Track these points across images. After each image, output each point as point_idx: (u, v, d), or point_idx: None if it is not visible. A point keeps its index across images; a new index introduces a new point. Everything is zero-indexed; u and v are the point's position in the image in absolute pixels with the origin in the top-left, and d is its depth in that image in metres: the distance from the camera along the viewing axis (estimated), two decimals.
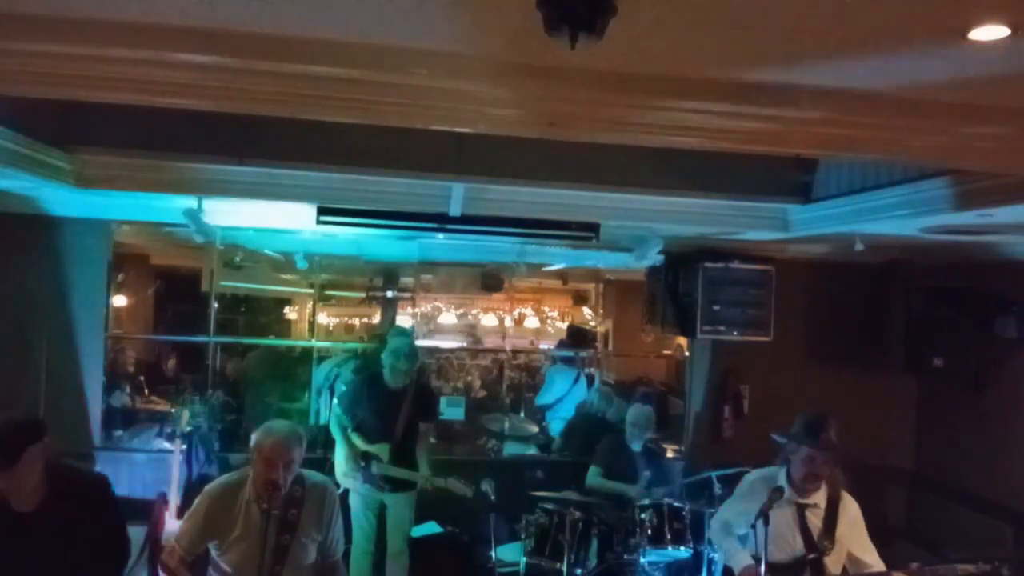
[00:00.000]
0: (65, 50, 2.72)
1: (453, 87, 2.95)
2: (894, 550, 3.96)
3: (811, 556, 3.79)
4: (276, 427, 3.46)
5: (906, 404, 6.73)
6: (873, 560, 3.83)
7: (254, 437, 3.45)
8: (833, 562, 3.80)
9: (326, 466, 5.35)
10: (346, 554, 5.10)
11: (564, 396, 8.29)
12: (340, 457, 5.42)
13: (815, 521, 3.84)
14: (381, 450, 5.30)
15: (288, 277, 8.49)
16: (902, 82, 2.83)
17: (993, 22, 2.24)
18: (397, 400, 5.39)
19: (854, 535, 3.87)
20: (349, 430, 5.41)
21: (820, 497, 3.86)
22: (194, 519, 3.43)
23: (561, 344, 9.36)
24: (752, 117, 3.13)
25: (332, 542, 3.55)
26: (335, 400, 5.68)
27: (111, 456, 6.02)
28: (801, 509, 3.84)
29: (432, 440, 5.99)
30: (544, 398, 8.48)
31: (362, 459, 5.29)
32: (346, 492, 5.35)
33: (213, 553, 3.43)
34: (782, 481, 3.86)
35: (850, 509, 3.91)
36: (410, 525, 5.47)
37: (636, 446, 5.89)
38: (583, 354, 9.14)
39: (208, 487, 3.52)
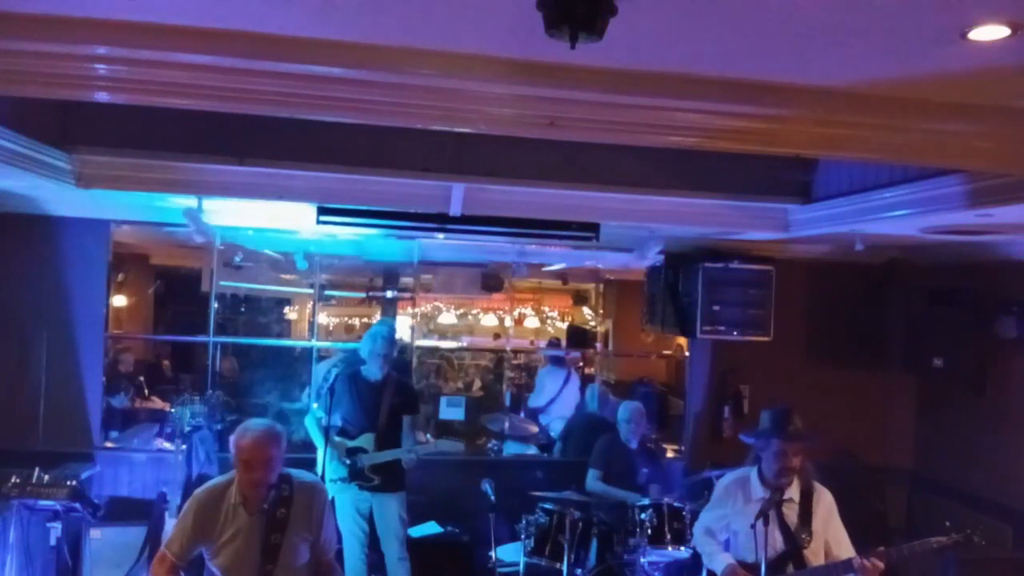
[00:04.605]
0: (65, 50, 2.72)
1: (453, 87, 2.96)
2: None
3: (790, 550, 3.81)
4: (252, 426, 3.42)
5: (906, 404, 6.72)
6: (846, 550, 3.82)
7: (232, 439, 3.41)
8: (813, 554, 3.81)
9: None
10: (340, 561, 5.09)
11: (556, 397, 8.28)
12: (325, 461, 5.28)
13: (791, 516, 3.85)
14: (366, 440, 5.26)
15: (288, 277, 8.49)
16: (902, 82, 2.83)
17: (993, 22, 2.24)
18: (378, 391, 5.36)
19: (830, 526, 3.88)
20: (332, 433, 5.33)
21: (794, 491, 3.88)
22: (183, 525, 3.41)
23: (550, 344, 9.36)
24: (752, 117, 3.14)
25: (325, 542, 3.55)
26: (314, 403, 5.64)
27: (111, 456, 6.02)
28: (777, 506, 3.84)
29: (430, 437, 5.96)
30: (536, 401, 8.47)
31: (347, 457, 5.25)
32: (333, 501, 5.30)
33: (206, 557, 3.42)
34: (754, 481, 3.91)
35: (824, 500, 3.91)
36: (404, 528, 5.38)
37: (633, 444, 5.87)
38: (574, 354, 9.15)
39: (196, 492, 3.50)
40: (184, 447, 5.52)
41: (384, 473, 5.27)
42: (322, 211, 5.15)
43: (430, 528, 5.87)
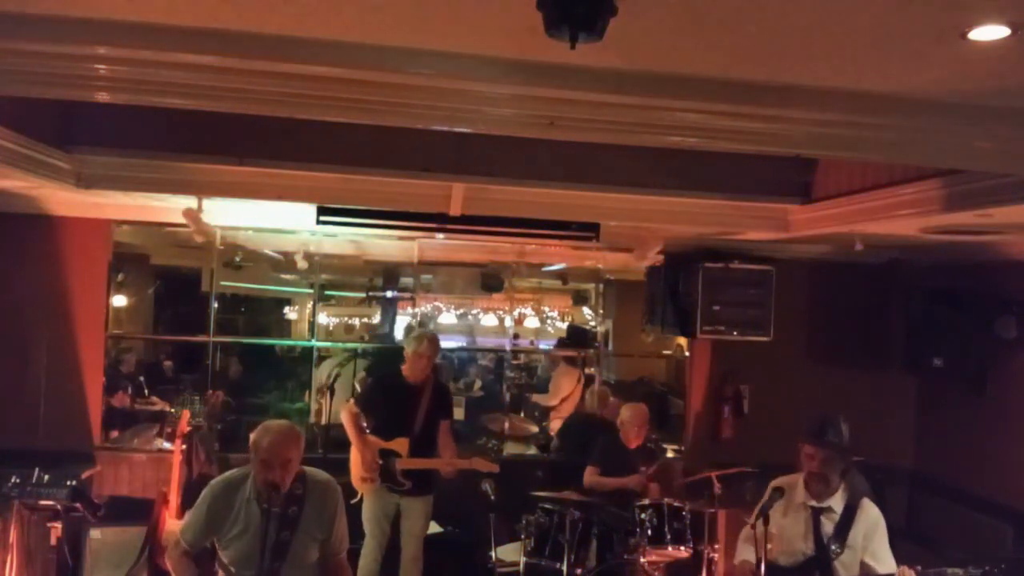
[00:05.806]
0: (65, 50, 2.72)
1: (453, 87, 2.95)
2: (894, 550, 3.94)
3: (820, 558, 3.79)
4: (272, 427, 3.44)
5: (906, 404, 6.73)
6: (886, 567, 3.77)
7: (251, 437, 3.44)
8: (843, 566, 3.77)
9: (345, 467, 5.30)
10: (355, 562, 5.10)
11: (568, 396, 8.30)
12: (355, 460, 5.30)
13: (828, 525, 3.83)
14: (400, 445, 5.25)
15: (288, 277, 8.50)
16: (902, 82, 2.83)
17: (993, 22, 2.24)
18: (416, 395, 5.32)
19: (871, 544, 3.82)
20: (367, 431, 5.32)
21: (836, 502, 3.86)
22: (197, 513, 3.46)
23: (562, 343, 9.36)
24: (752, 117, 3.13)
25: (336, 541, 3.54)
26: (351, 400, 5.60)
27: (111, 456, 6.02)
28: (816, 513, 3.84)
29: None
30: (549, 399, 8.48)
31: (380, 457, 5.23)
32: (360, 499, 5.28)
33: (218, 547, 3.47)
34: (800, 486, 3.90)
35: (869, 516, 3.86)
36: (425, 531, 5.39)
37: (632, 444, 5.87)
38: (581, 353, 9.15)
39: (212, 482, 3.55)
40: (184, 447, 5.52)
41: (416, 477, 5.26)
42: (322, 211, 5.14)
43: (430, 528, 5.86)
